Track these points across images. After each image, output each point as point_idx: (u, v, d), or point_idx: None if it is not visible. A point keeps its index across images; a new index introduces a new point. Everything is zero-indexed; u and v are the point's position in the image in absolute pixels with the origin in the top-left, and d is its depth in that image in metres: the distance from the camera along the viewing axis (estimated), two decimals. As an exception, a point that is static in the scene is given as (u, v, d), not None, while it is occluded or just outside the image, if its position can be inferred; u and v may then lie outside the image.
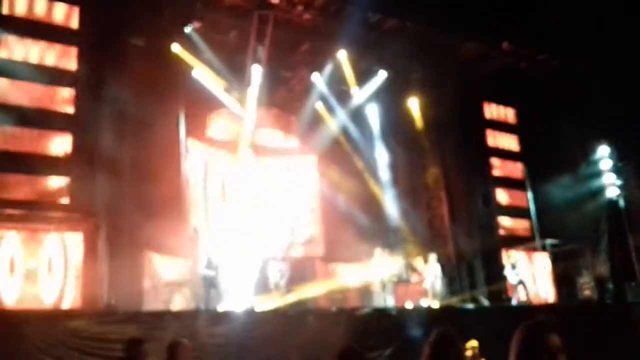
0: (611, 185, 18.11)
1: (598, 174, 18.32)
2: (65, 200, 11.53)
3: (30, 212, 11.11)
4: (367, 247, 13.78)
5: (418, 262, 16.00)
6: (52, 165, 11.48)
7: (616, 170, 18.24)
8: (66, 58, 12.05)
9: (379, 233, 16.39)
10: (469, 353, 7.36)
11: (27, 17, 11.80)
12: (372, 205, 17.34)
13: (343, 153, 17.07)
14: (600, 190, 18.18)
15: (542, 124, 16.97)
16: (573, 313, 13.74)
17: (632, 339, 12.80)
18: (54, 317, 9.07)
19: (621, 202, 18.01)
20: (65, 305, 10.61)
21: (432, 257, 14.40)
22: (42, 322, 8.71)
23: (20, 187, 11.18)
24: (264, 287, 12.59)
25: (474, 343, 7.72)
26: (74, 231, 11.35)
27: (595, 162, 18.40)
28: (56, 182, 11.54)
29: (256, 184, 16.17)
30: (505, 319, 11.73)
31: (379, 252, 13.17)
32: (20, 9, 11.78)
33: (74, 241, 11.18)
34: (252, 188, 16.00)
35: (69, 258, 11.02)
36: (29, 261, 10.67)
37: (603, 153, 18.38)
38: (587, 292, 16.38)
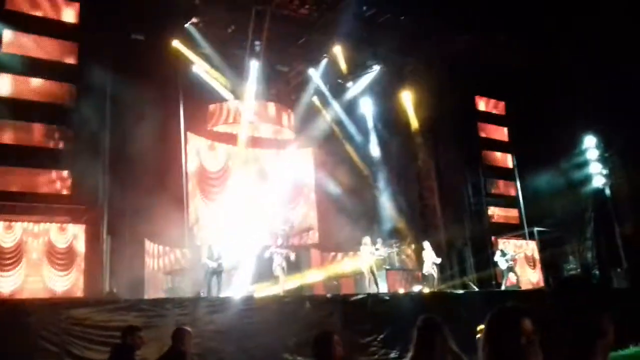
0: (597, 175, 18.51)
1: (585, 163, 18.71)
2: (68, 192, 11.79)
3: (34, 204, 11.36)
4: (360, 235, 14.14)
5: (411, 249, 16.43)
6: (54, 158, 11.71)
7: (602, 159, 18.63)
8: (67, 53, 12.23)
9: (373, 222, 16.80)
10: (479, 336, 7.63)
11: (27, 13, 11.95)
12: (365, 196, 17.75)
13: (338, 145, 17.43)
14: (587, 179, 18.57)
15: (530, 115, 17.30)
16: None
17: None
18: (56, 306, 9.08)
19: (607, 191, 18.41)
20: (68, 293, 10.93)
21: (427, 244, 14.74)
22: (45, 311, 8.76)
23: (24, 179, 11.42)
24: (264, 274, 12.90)
25: (483, 327, 7.93)
26: (77, 222, 11.68)
27: (582, 152, 18.78)
28: (59, 174, 11.78)
29: (254, 175, 16.49)
30: (494, 304, 12.20)
31: (369, 240, 13.47)
32: (21, 5, 11.92)
33: (77, 232, 11.51)
34: (250, 179, 16.32)
35: (71, 248, 11.33)
36: (33, 251, 10.97)
37: (590, 143, 18.77)
38: (573, 278, 16.80)
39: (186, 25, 14.26)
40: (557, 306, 1.95)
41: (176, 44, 14.13)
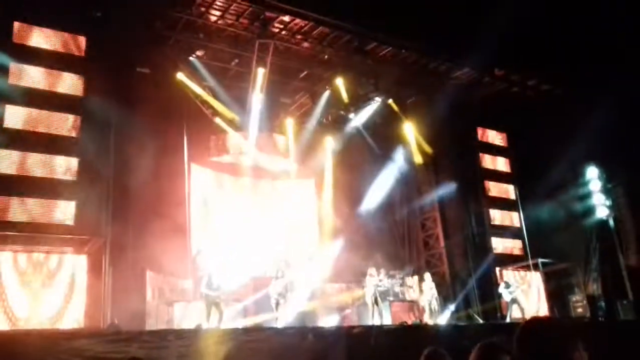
0: (601, 206, 18.48)
1: (588, 194, 18.70)
2: (70, 223, 11.80)
3: (36, 234, 11.36)
4: (363, 266, 14.07)
5: (413, 280, 16.31)
6: (58, 188, 11.74)
7: (606, 191, 18.65)
8: (73, 85, 12.40)
9: (376, 253, 16.70)
10: None
11: (34, 46, 12.15)
12: (368, 227, 17.71)
13: (340, 176, 17.49)
14: (591, 210, 18.53)
15: (532, 146, 17.38)
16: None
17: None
18: (57, 337, 8.99)
19: (611, 222, 18.36)
20: (69, 324, 10.82)
21: (427, 275, 14.69)
22: (45, 342, 8.57)
23: (27, 209, 11.44)
24: (265, 305, 12.80)
25: None
26: (79, 253, 11.65)
27: (585, 184, 18.79)
28: (62, 205, 11.80)
29: (256, 207, 16.52)
30: (499, 336, 12.04)
31: (375, 271, 13.43)
32: (28, 38, 12.15)
33: (79, 262, 11.47)
34: (253, 210, 16.34)
35: (73, 278, 11.27)
36: (35, 281, 10.92)
37: (592, 174, 18.81)
38: (579, 310, 16.65)
39: (191, 59, 14.53)
40: (525, 349, 2.00)
41: (180, 76, 14.36)
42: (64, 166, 11.93)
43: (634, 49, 15.26)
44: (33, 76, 11.98)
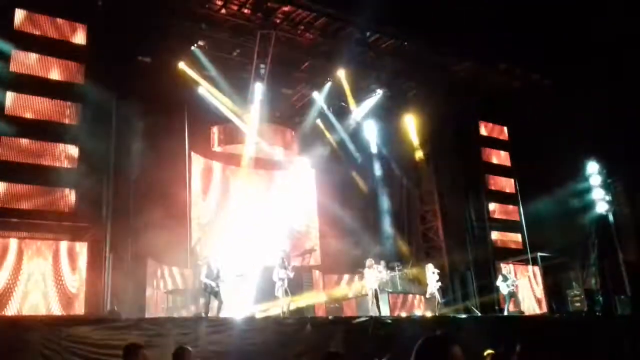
0: (601, 201, 18.51)
1: (588, 189, 18.72)
2: (71, 210, 11.81)
3: (37, 222, 11.37)
4: (363, 258, 14.11)
5: (413, 273, 16.37)
6: (58, 176, 11.72)
7: (605, 186, 18.66)
8: (73, 73, 12.37)
9: (375, 245, 16.77)
10: None
11: (35, 33, 12.09)
12: (368, 218, 17.77)
13: (341, 167, 17.52)
14: (590, 205, 18.57)
15: (533, 141, 17.39)
16: (563, 324, 14.08)
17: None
18: (57, 324, 9.01)
19: (610, 217, 18.39)
20: (69, 311, 10.86)
21: (429, 267, 14.69)
22: (46, 329, 8.69)
23: (28, 197, 11.46)
24: (266, 294, 12.84)
25: (490, 351, 7.82)
26: (80, 240, 11.68)
27: (585, 178, 18.81)
28: (63, 192, 11.82)
29: (257, 197, 16.56)
30: (497, 328, 12.10)
31: (372, 263, 13.45)
32: (29, 25, 12.12)
33: (79, 249, 11.51)
34: (253, 200, 16.38)
35: (73, 266, 11.32)
36: (35, 269, 10.96)
37: (593, 169, 18.82)
38: (577, 304, 16.72)
39: (192, 48, 14.51)
40: None
41: (182, 66, 14.36)
42: (65, 154, 11.92)
43: (634, 43, 15.23)
44: (35, 64, 11.94)
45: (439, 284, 14.31)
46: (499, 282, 15.01)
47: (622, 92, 16.21)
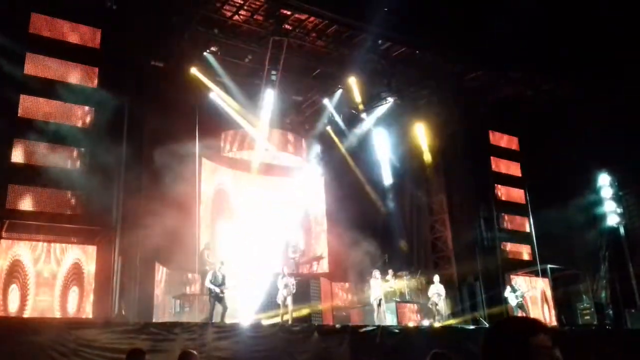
0: (612, 213, 18.36)
1: (599, 201, 18.59)
2: (81, 213, 11.84)
3: (47, 224, 11.44)
4: (370, 266, 14.06)
5: (421, 282, 16.27)
6: (69, 179, 11.74)
7: (617, 198, 18.51)
8: (87, 77, 12.45)
9: (383, 253, 16.69)
10: None
11: (50, 37, 12.18)
12: (377, 227, 17.70)
13: (350, 174, 17.49)
14: (601, 217, 18.43)
15: (544, 151, 17.28)
16: (573, 338, 13.91)
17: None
18: (66, 326, 9.10)
19: (622, 230, 18.23)
20: (78, 314, 10.88)
21: (436, 277, 14.64)
22: (54, 330, 8.79)
23: (39, 200, 11.51)
24: (272, 301, 12.82)
25: None
26: (89, 243, 11.72)
27: (597, 190, 18.66)
28: (73, 195, 11.86)
29: (266, 203, 16.57)
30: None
31: (379, 274, 13.42)
32: (44, 29, 12.22)
33: (88, 252, 11.54)
34: (262, 206, 16.39)
35: (82, 269, 11.34)
36: (44, 271, 11.00)
37: (604, 181, 18.67)
38: (587, 318, 16.54)
39: (205, 54, 14.58)
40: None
41: (194, 71, 14.42)
42: (76, 157, 11.98)
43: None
44: (48, 67, 12.02)
45: (441, 295, 14.25)
46: (508, 293, 14.89)
47: (636, 103, 16.09)
